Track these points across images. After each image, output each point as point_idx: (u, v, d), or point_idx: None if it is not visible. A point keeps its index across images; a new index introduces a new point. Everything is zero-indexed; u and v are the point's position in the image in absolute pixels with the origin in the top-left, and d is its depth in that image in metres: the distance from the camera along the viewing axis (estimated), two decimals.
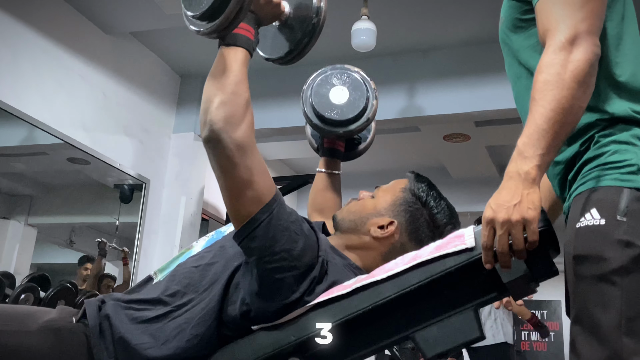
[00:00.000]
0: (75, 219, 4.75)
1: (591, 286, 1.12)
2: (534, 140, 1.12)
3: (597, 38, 1.18)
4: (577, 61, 1.14)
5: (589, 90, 1.16)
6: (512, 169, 1.14)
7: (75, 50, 3.92)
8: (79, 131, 3.91)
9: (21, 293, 2.60)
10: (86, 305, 1.39)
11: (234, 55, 1.36)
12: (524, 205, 1.10)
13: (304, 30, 1.47)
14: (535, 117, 1.14)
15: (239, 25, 1.36)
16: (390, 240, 1.47)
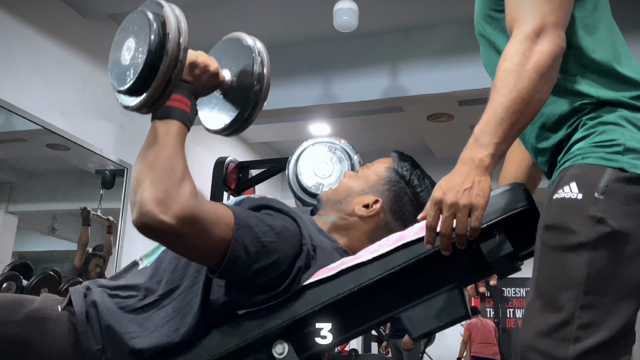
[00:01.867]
0: (56, 206, 4.72)
1: (556, 255, 1.13)
2: (491, 129, 1.14)
3: (563, 31, 1.20)
4: (540, 53, 1.15)
5: (550, 83, 1.18)
6: (467, 154, 1.15)
7: (52, 34, 3.85)
8: (57, 117, 3.86)
9: (3, 282, 2.58)
10: (71, 292, 1.38)
11: (167, 128, 1.26)
12: (473, 191, 1.12)
13: (245, 100, 1.38)
14: (495, 105, 1.15)
15: (173, 97, 1.26)
16: (375, 219, 1.47)
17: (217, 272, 1.25)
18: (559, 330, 1.09)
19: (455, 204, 1.12)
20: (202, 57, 1.34)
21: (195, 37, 1.35)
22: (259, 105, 1.39)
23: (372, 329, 1.40)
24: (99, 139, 4.20)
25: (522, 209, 1.22)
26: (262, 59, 1.39)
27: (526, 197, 1.24)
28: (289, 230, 1.31)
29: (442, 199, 1.13)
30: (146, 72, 1.21)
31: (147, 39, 1.21)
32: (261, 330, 1.27)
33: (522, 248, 1.25)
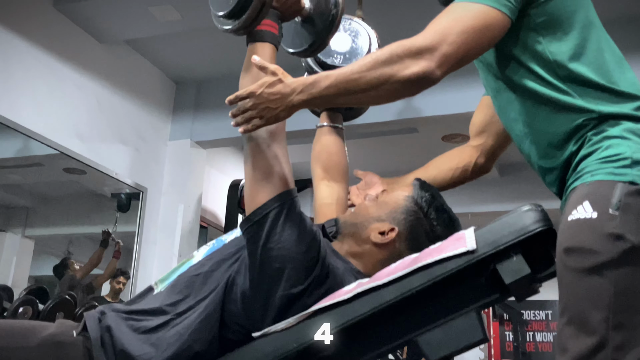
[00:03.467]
0: (72, 230, 4.73)
1: (580, 278, 1.11)
2: (322, 86, 1.26)
3: (446, 66, 1.23)
4: (405, 67, 1.22)
5: (392, 96, 1.28)
6: (297, 85, 1.28)
7: (69, 59, 3.90)
8: (74, 141, 3.89)
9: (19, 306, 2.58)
10: (86, 318, 1.38)
11: (262, 50, 1.46)
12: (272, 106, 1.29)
13: (324, 22, 1.58)
14: (343, 72, 1.26)
15: (263, 22, 1.47)
16: (389, 248, 1.45)
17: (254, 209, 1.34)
18: (596, 355, 1.06)
19: (257, 102, 1.29)
20: None
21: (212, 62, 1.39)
22: (334, 28, 1.60)
23: (389, 353, 1.38)
24: (114, 163, 4.23)
25: (539, 230, 1.20)
26: None
27: (543, 218, 1.22)
28: (315, 238, 1.35)
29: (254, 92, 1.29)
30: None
31: None
32: (277, 354, 1.26)
33: (540, 270, 1.23)
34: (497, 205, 5.97)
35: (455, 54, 1.22)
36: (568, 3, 1.31)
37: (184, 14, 3.72)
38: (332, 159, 1.87)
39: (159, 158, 4.69)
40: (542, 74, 1.30)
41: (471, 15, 1.24)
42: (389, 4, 3.82)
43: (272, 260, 1.29)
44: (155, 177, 4.61)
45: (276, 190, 1.35)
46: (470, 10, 1.25)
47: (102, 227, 4.67)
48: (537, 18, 1.30)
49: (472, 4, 1.26)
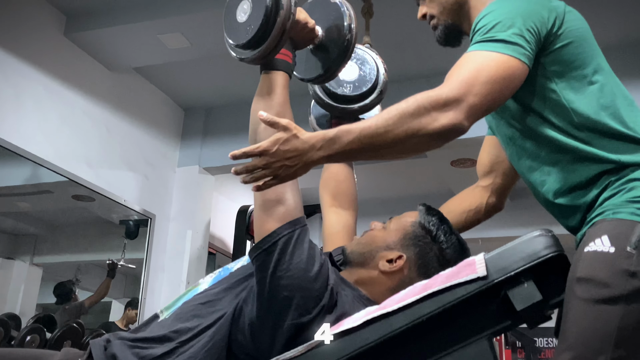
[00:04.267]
0: (80, 257, 4.73)
1: (587, 308, 1.12)
2: (345, 141, 1.21)
3: (475, 116, 1.22)
4: (434, 120, 1.20)
5: (419, 148, 1.25)
6: (317, 141, 1.22)
7: (78, 87, 3.93)
8: (83, 168, 3.90)
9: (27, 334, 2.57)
10: (91, 345, 1.37)
11: (276, 79, 1.47)
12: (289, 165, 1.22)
13: (337, 49, 1.58)
14: (367, 125, 1.21)
15: (280, 51, 1.47)
16: (399, 275, 1.44)
17: (263, 238, 1.32)
18: None
19: (272, 160, 1.21)
20: (303, 14, 1.52)
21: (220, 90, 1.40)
22: (349, 53, 1.59)
23: None
24: (123, 190, 4.23)
25: (550, 256, 1.19)
26: (350, 13, 1.58)
27: (554, 244, 1.21)
28: (324, 266, 1.34)
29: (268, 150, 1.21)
30: (265, 24, 1.41)
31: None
32: None
33: (551, 296, 1.22)
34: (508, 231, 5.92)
35: (481, 105, 1.22)
36: (579, 50, 1.32)
37: (192, 41, 3.75)
38: (341, 186, 1.87)
39: (167, 184, 4.70)
40: (559, 122, 1.31)
41: (494, 64, 1.24)
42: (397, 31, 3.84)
43: (280, 289, 1.27)
44: (164, 203, 4.62)
45: (285, 218, 1.33)
46: (492, 59, 1.25)
47: (111, 254, 4.66)
48: (550, 66, 1.32)
49: (492, 52, 1.26)
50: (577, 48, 1.32)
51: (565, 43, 1.31)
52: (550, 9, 1.32)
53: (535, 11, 1.31)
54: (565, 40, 1.31)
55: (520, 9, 1.31)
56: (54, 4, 3.75)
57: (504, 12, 1.31)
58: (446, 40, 1.59)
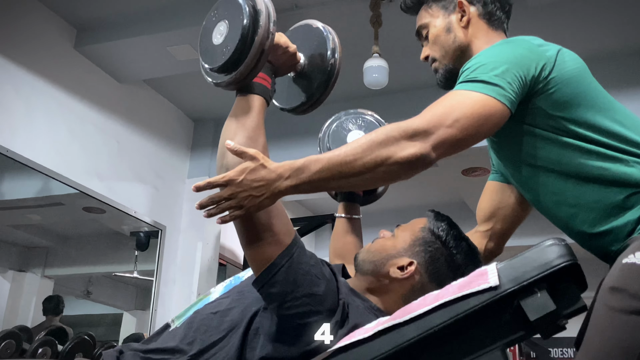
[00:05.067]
0: (91, 269, 4.74)
1: (616, 318, 1.10)
2: (312, 171, 1.19)
3: (441, 150, 1.23)
4: (402, 149, 1.20)
5: (388, 178, 1.25)
6: (284, 170, 1.19)
7: (89, 100, 3.95)
8: (93, 180, 3.92)
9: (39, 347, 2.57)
10: (104, 357, 1.36)
11: (251, 102, 1.38)
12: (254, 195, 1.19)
13: (319, 79, 1.49)
14: (336, 154, 1.20)
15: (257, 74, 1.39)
16: (410, 282, 1.43)
17: (260, 273, 1.27)
18: None
19: (238, 190, 1.18)
20: (283, 38, 1.45)
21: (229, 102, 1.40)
22: (334, 79, 1.50)
23: None
24: (133, 201, 4.24)
25: (563, 265, 1.17)
26: (333, 37, 1.51)
27: (567, 253, 1.19)
28: (330, 282, 1.31)
29: (234, 179, 1.18)
30: (241, 46, 1.33)
31: (241, 17, 1.34)
32: None
33: (565, 306, 1.19)
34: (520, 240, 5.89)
35: (451, 139, 1.22)
36: (577, 90, 1.34)
37: None
38: (348, 247, 1.84)
39: (177, 196, 4.71)
40: (588, 146, 1.31)
41: (470, 102, 1.25)
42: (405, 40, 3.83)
43: (291, 318, 1.26)
44: (174, 215, 4.62)
45: (278, 245, 1.27)
46: (470, 98, 1.26)
47: (121, 265, 4.67)
48: (554, 106, 1.33)
49: (472, 92, 1.26)
50: (574, 87, 1.33)
51: (559, 86, 1.32)
52: (540, 54, 1.34)
53: (523, 56, 1.32)
54: (558, 82, 1.32)
55: (507, 54, 1.33)
56: (64, 17, 3.77)
57: (490, 56, 1.33)
58: (446, 83, 1.61)
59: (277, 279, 1.25)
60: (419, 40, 1.67)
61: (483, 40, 1.55)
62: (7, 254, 3.99)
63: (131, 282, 4.58)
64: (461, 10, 1.57)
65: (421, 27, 1.64)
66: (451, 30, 1.57)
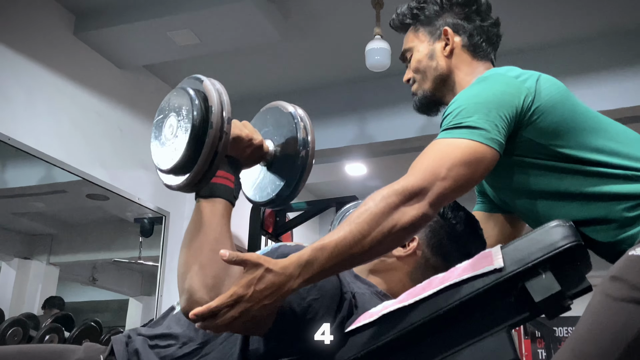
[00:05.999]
0: (96, 256, 4.76)
1: (611, 306, 1.11)
2: (322, 259, 1.12)
3: (439, 205, 1.21)
4: (403, 213, 1.16)
5: (396, 242, 1.21)
6: (291, 270, 1.11)
7: (90, 87, 3.94)
8: (96, 168, 3.92)
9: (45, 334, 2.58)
10: (113, 342, 1.37)
11: (212, 208, 1.24)
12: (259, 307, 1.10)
13: (289, 175, 1.35)
14: (348, 234, 1.14)
15: (217, 173, 1.24)
16: (413, 258, 1.43)
17: (265, 335, 1.21)
18: None
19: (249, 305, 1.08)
20: (246, 129, 1.32)
21: (231, 86, 1.34)
22: (306, 173, 1.35)
23: None
24: (137, 188, 4.24)
25: (568, 246, 1.17)
26: (304, 124, 1.36)
27: (572, 234, 1.19)
28: (330, 281, 1.27)
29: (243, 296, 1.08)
30: (192, 147, 1.19)
31: (190, 114, 1.20)
32: None
33: (570, 287, 1.19)
34: None
35: (446, 192, 1.20)
36: (560, 116, 1.32)
37: (202, 38, 3.75)
38: None
39: None
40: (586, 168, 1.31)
41: (459, 151, 1.23)
42: None
43: (300, 333, 1.23)
44: (178, 201, 4.62)
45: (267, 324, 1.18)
46: (458, 146, 1.24)
47: (126, 252, 4.69)
48: (539, 134, 1.32)
49: (457, 139, 1.25)
50: (560, 113, 1.32)
51: (544, 114, 1.31)
52: (519, 88, 1.32)
53: (503, 93, 1.31)
54: (543, 111, 1.31)
55: (487, 94, 1.31)
56: (62, 3, 3.76)
57: (470, 98, 1.31)
58: (421, 108, 1.61)
59: (282, 332, 1.21)
60: (403, 62, 1.67)
61: (465, 71, 1.54)
62: (12, 241, 4.01)
63: (136, 268, 4.60)
64: (445, 39, 1.56)
65: (406, 51, 1.65)
66: (434, 58, 1.57)
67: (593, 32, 3.92)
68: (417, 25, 1.62)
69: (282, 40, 3.88)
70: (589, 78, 3.92)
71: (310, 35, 4.05)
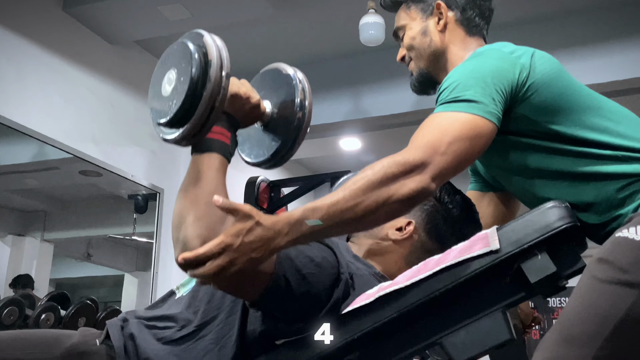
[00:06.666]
0: (91, 232, 4.76)
1: (599, 288, 1.12)
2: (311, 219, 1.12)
3: (440, 179, 1.20)
4: (402, 185, 1.16)
5: (392, 215, 1.21)
6: (282, 226, 1.10)
7: (81, 63, 3.90)
8: (89, 145, 3.89)
9: (41, 313, 2.58)
10: (108, 326, 1.37)
11: (208, 161, 1.25)
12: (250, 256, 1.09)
13: (285, 135, 1.35)
14: (333, 201, 1.13)
15: (213, 129, 1.25)
16: (410, 241, 1.44)
17: (257, 305, 1.22)
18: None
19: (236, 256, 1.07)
20: (244, 87, 1.32)
21: None
22: (302, 134, 1.35)
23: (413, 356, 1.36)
24: (130, 165, 4.22)
25: (563, 227, 1.18)
26: (303, 86, 1.36)
27: (568, 215, 1.20)
28: (327, 260, 1.28)
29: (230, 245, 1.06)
30: (189, 100, 1.20)
31: (189, 67, 1.21)
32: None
33: (565, 267, 1.20)
34: None
35: (448, 166, 1.20)
36: (554, 91, 1.33)
37: (193, 12, 3.71)
38: None
39: (174, 159, 4.67)
40: (577, 149, 1.31)
41: (459, 125, 1.23)
42: None
43: (293, 308, 1.24)
44: (172, 177, 4.60)
45: (260, 287, 1.19)
46: (457, 119, 1.24)
47: (121, 228, 4.69)
48: (534, 111, 1.32)
49: (456, 113, 1.25)
50: (554, 89, 1.32)
51: (539, 90, 1.31)
52: (514, 63, 1.32)
53: (499, 68, 1.31)
54: (537, 87, 1.31)
55: (483, 68, 1.31)
56: None
57: (466, 73, 1.31)
58: (419, 87, 1.61)
59: (274, 303, 1.22)
60: (397, 40, 1.66)
61: (459, 46, 1.54)
62: (5, 218, 4.00)
63: (131, 244, 4.60)
64: (438, 14, 1.56)
65: (398, 29, 1.63)
66: (427, 34, 1.56)
67: (584, 4, 3.89)
68: (408, 2, 1.61)
69: (275, 14, 3.83)
70: (580, 51, 3.91)
71: (303, 9, 4.00)
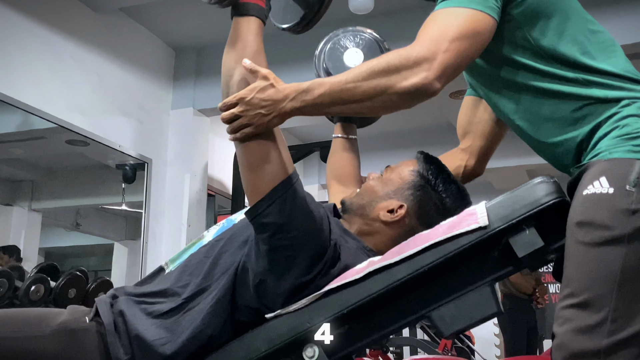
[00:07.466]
0: (79, 202, 4.75)
1: (589, 252, 1.12)
2: (316, 94, 1.23)
3: (445, 76, 1.21)
4: (404, 79, 1.19)
5: (389, 108, 1.26)
6: (291, 92, 1.24)
7: (65, 32, 3.84)
8: (75, 115, 3.85)
9: (31, 285, 2.57)
10: (97, 303, 1.38)
11: (247, 25, 1.36)
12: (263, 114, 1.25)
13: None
14: (340, 80, 1.23)
15: None
16: (400, 225, 1.44)
17: (260, 207, 1.27)
18: (596, 328, 1.07)
19: (247, 108, 1.24)
20: None
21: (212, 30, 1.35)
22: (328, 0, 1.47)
23: (402, 329, 1.38)
24: (117, 135, 4.19)
25: (552, 203, 1.19)
26: None
27: (556, 190, 1.20)
28: (324, 220, 1.32)
29: (244, 97, 1.24)
30: None
31: None
32: (292, 334, 1.26)
33: (553, 241, 1.21)
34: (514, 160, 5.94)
35: (452, 62, 1.21)
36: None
37: None
38: (345, 169, 1.83)
39: (162, 128, 4.65)
40: (537, 65, 1.31)
41: (461, 20, 1.23)
42: None
43: (282, 250, 1.27)
44: (160, 147, 4.58)
45: (275, 178, 1.27)
46: (459, 15, 1.24)
47: (109, 197, 4.67)
48: (521, 16, 1.31)
49: (458, 8, 1.25)
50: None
51: None
52: None
53: None
54: None
55: None
56: None
57: None
58: None
59: (273, 210, 1.26)
60: None
61: None
62: None
63: (120, 213, 4.60)
64: None
65: None
66: None
67: None
68: None
69: None
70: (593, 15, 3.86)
71: None
